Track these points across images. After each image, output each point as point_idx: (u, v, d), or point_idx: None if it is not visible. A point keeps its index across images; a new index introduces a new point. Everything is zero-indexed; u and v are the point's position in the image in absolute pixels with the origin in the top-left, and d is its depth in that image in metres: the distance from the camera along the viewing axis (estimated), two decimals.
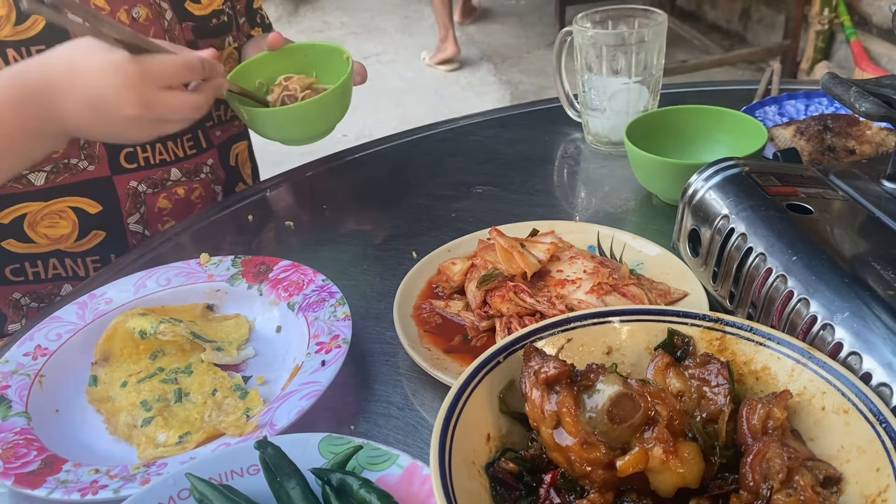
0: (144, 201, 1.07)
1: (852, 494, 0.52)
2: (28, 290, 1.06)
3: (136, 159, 1.04)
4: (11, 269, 1.04)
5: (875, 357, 0.57)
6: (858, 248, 0.68)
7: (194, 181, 1.11)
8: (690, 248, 0.82)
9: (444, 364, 0.74)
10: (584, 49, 1.12)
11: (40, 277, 1.05)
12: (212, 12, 1.08)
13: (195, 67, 0.84)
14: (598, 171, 1.14)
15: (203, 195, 1.14)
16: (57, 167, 0.99)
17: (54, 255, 1.04)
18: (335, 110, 1.01)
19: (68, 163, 1.00)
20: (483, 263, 0.82)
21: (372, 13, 5.48)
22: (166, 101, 0.83)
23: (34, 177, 0.99)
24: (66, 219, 1.02)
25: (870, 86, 0.73)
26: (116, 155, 1.03)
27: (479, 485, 0.55)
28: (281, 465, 0.59)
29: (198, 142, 1.10)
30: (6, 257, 1.02)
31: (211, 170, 1.13)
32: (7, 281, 1.05)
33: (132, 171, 1.04)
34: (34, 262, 1.04)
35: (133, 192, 1.05)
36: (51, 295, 1.07)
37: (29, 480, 0.64)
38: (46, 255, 1.04)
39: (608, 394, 0.53)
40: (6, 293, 1.06)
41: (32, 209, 1.00)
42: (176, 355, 0.80)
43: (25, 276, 1.04)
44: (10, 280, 1.05)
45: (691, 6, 4.83)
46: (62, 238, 1.03)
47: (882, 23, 3.48)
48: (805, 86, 1.25)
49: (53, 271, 1.05)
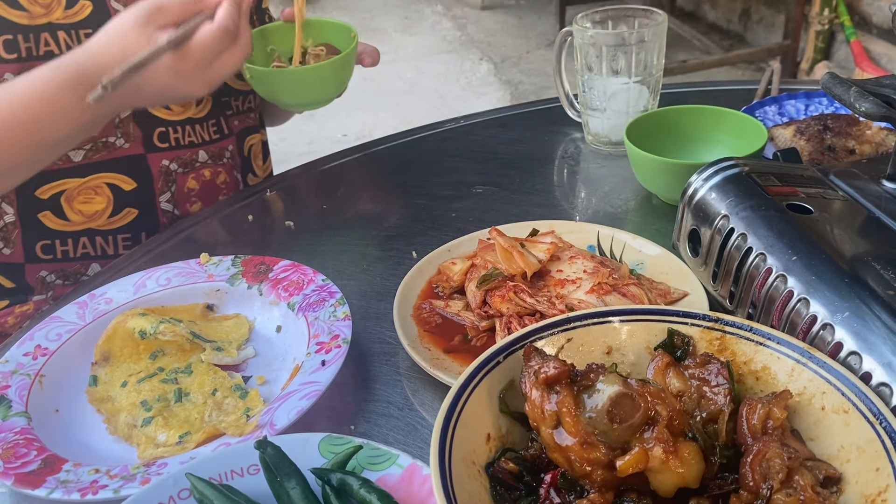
0: (175, 180, 1.11)
1: (852, 494, 0.52)
2: (55, 269, 1.08)
3: (167, 139, 1.08)
4: (42, 246, 1.06)
5: (875, 357, 0.57)
6: (858, 248, 0.68)
7: (218, 165, 1.15)
8: (690, 248, 0.82)
9: (444, 364, 0.74)
10: (584, 49, 1.12)
11: (69, 256, 1.08)
12: None
13: (229, 29, 0.88)
14: (598, 171, 1.14)
15: (227, 181, 1.17)
16: (95, 145, 1.03)
17: (85, 233, 1.07)
18: (332, 82, 1.04)
19: (106, 141, 1.04)
20: (483, 263, 0.82)
21: (372, 13, 5.48)
22: (222, 70, 0.90)
23: (73, 153, 1.02)
24: (101, 195, 1.06)
25: (870, 86, 0.73)
26: (150, 134, 1.07)
27: (479, 485, 0.55)
28: (281, 465, 0.59)
29: (220, 128, 1.14)
30: (39, 232, 1.05)
31: (231, 156, 1.17)
32: (36, 258, 1.07)
33: (164, 150, 1.08)
34: (65, 240, 1.07)
35: (165, 170, 1.09)
36: (77, 274, 1.09)
37: (29, 480, 0.64)
38: (78, 234, 1.07)
39: (608, 394, 0.53)
40: (34, 270, 1.08)
41: (71, 185, 1.04)
42: (176, 355, 0.80)
43: (54, 254, 1.07)
44: (39, 258, 1.07)
45: (691, 6, 4.84)
46: (96, 214, 1.06)
47: (882, 23, 3.48)
48: (805, 86, 1.25)
49: (83, 250, 1.08)
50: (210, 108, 1.11)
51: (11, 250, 1.05)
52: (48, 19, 0.96)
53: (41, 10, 0.96)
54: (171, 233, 1.06)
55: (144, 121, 1.06)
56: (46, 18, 0.96)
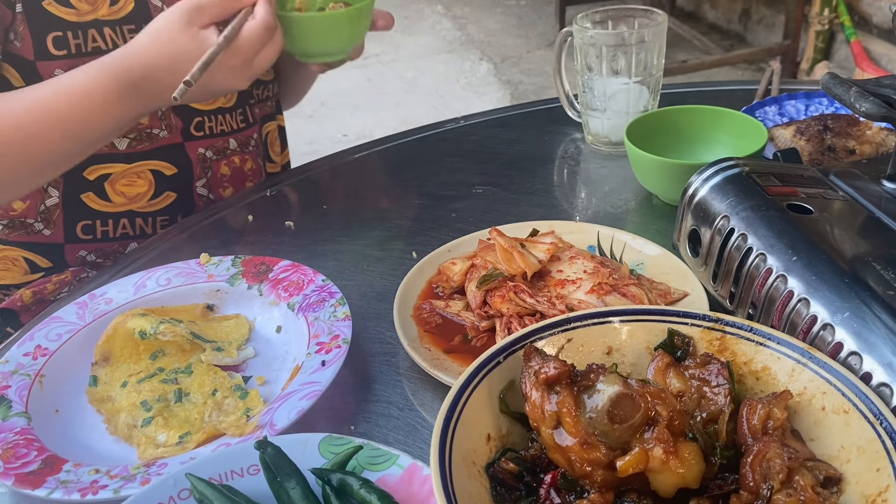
0: (210, 167, 1.15)
1: (852, 494, 0.52)
2: (94, 248, 1.11)
3: (202, 128, 1.12)
4: (83, 226, 1.09)
5: (875, 357, 0.57)
6: (858, 248, 0.68)
7: (245, 153, 1.19)
8: (690, 248, 0.82)
9: (444, 364, 0.74)
10: (584, 49, 1.12)
11: (108, 236, 1.11)
12: None
13: (270, 25, 0.91)
14: (598, 171, 1.14)
15: (253, 168, 1.21)
16: (140, 136, 1.07)
17: (125, 215, 1.10)
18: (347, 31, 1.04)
19: (150, 132, 1.07)
20: (483, 263, 0.82)
21: None
22: (263, 65, 0.93)
23: (118, 142, 1.06)
24: (143, 178, 1.09)
25: (870, 86, 0.73)
26: (189, 124, 1.11)
27: (479, 485, 0.55)
28: (281, 465, 0.59)
29: (246, 116, 1.18)
30: (82, 212, 1.08)
31: (255, 144, 1.21)
32: (76, 238, 1.10)
33: (200, 139, 1.13)
34: (105, 220, 1.10)
35: (202, 157, 1.13)
36: (116, 253, 1.12)
37: (29, 480, 0.64)
38: (118, 215, 1.10)
39: (608, 394, 0.53)
40: (73, 250, 1.11)
41: (117, 170, 1.07)
42: (176, 355, 0.80)
43: (94, 234, 1.10)
44: (79, 238, 1.10)
45: (691, 6, 4.84)
46: (137, 197, 1.10)
47: (882, 23, 3.48)
48: (805, 86, 1.25)
49: (122, 230, 1.11)
50: (237, 99, 1.15)
51: (52, 230, 1.09)
52: (95, 16, 0.98)
53: (88, 7, 0.98)
54: (171, 233, 1.06)
55: (183, 112, 1.10)
56: (93, 15, 0.98)
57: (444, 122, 1.31)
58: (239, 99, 1.15)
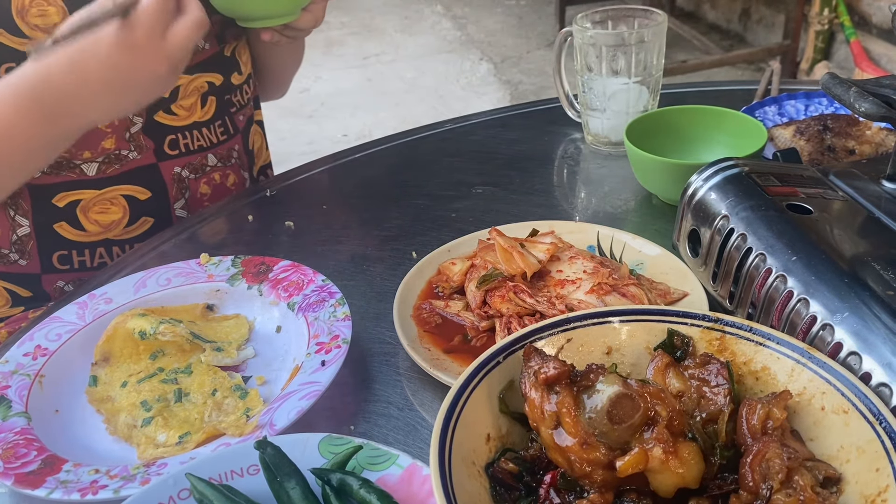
0: (188, 186, 1.11)
1: (852, 494, 0.52)
2: (72, 278, 1.09)
3: (177, 146, 1.09)
4: (59, 257, 1.07)
5: (875, 357, 0.57)
6: (858, 248, 0.68)
7: (227, 167, 1.16)
8: (690, 248, 0.82)
9: (444, 364, 0.74)
10: (583, 49, 1.12)
11: (86, 266, 1.08)
12: None
13: None
14: (598, 171, 1.14)
15: (236, 181, 1.18)
16: (108, 158, 1.03)
17: (102, 243, 1.07)
18: None
19: (118, 153, 1.04)
20: (483, 263, 0.82)
21: (372, 13, 5.48)
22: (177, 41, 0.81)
23: (87, 167, 1.02)
24: (117, 205, 1.06)
25: (870, 86, 0.73)
26: (161, 143, 1.07)
27: (479, 485, 0.55)
28: (281, 465, 0.59)
29: (227, 128, 1.14)
30: (56, 242, 1.05)
31: (238, 155, 1.18)
32: (53, 268, 1.07)
33: (175, 158, 1.09)
34: (81, 250, 1.07)
35: (178, 177, 1.10)
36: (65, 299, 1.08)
37: (29, 480, 0.64)
38: (94, 244, 1.07)
39: (608, 394, 0.53)
40: (51, 280, 1.08)
41: (86, 196, 1.04)
42: (176, 355, 0.80)
43: (71, 264, 1.07)
44: (56, 268, 1.07)
45: (691, 6, 4.84)
46: (112, 224, 1.07)
47: (882, 23, 3.48)
48: (805, 86, 1.25)
49: (99, 260, 1.08)
50: (215, 109, 1.11)
51: (28, 261, 1.06)
52: None
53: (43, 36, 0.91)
54: (171, 233, 1.06)
55: (154, 130, 1.05)
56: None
57: (444, 122, 1.31)
58: (218, 110, 1.12)
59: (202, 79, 1.08)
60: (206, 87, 1.09)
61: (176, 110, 1.07)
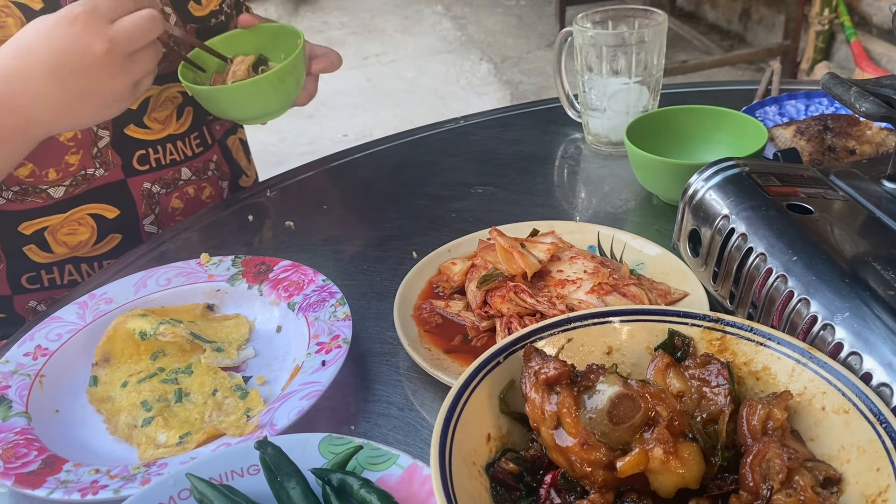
0: (158, 202, 1.09)
1: (852, 494, 0.52)
2: (43, 297, 1.07)
3: (147, 161, 1.06)
4: (28, 278, 1.05)
5: (875, 357, 0.57)
6: (858, 248, 0.68)
7: (203, 180, 1.13)
8: (690, 248, 0.82)
9: (445, 364, 0.74)
10: (584, 49, 1.12)
11: (55, 283, 1.06)
12: (210, 13, 1.09)
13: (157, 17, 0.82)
14: (598, 171, 1.14)
15: (213, 194, 1.15)
16: (75, 179, 1.01)
17: (70, 261, 1.06)
18: (272, 95, 0.98)
19: (85, 173, 1.01)
20: (483, 263, 0.82)
21: (372, 13, 5.48)
22: (124, 28, 0.80)
23: (53, 191, 1.00)
24: (85, 225, 1.04)
25: (870, 86, 0.73)
26: (130, 159, 1.05)
27: (479, 485, 0.55)
28: (281, 465, 0.59)
29: (204, 139, 1.12)
30: (24, 265, 1.04)
31: (216, 166, 1.15)
32: (23, 289, 1.06)
33: (145, 173, 1.06)
34: (50, 269, 1.05)
35: (147, 193, 1.07)
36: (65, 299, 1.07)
37: (29, 480, 0.64)
38: (63, 262, 1.05)
39: (608, 394, 0.53)
40: (23, 301, 1.07)
41: (53, 222, 1.02)
42: (176, 355, 0.80)
43: (41, 283, 1.06)
44: (25, 288, 1.06)
45: (691, 6, 4.84)
46: (80, 244, 1.05)
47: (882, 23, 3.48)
48: (805, 86, 1.25)
49: (69, 277, 1.07)
50: (192, 121, 1.10)
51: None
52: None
53: None
54: (171, 233, 1.06)
55: (123, 146, 1.03)
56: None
57: (444, 122, 1.31)
58: (195, 121, 1.09)
59: (173, 89, 1.06)
60: (181, 98, 1.07)
61: (149, 123, 1.04)
